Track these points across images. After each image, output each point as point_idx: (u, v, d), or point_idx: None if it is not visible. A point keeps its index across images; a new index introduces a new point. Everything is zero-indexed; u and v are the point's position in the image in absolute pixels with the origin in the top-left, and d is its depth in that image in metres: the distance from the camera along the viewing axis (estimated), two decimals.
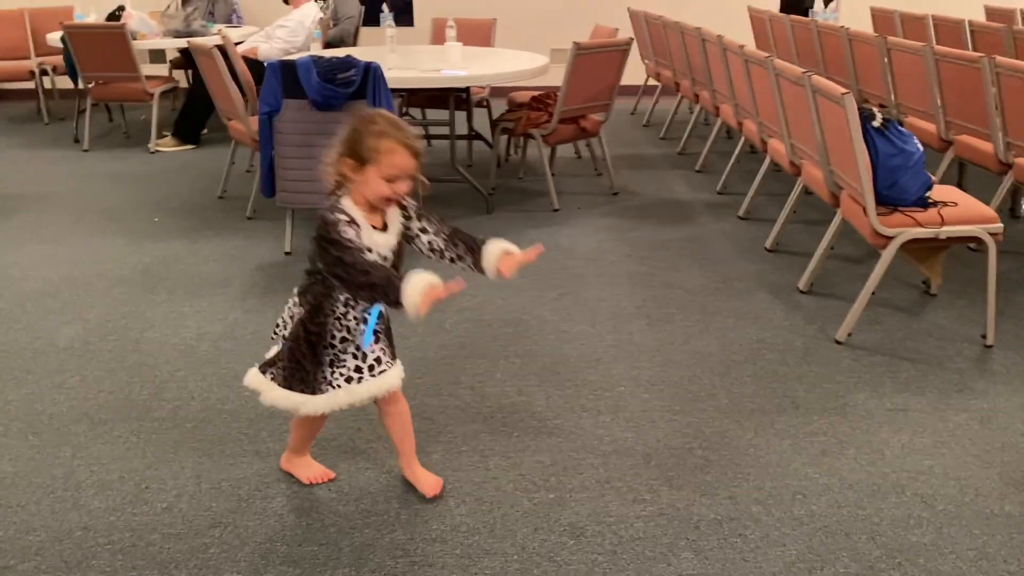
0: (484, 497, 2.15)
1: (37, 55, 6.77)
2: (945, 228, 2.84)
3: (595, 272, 3.66)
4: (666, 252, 3.90)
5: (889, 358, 2.86)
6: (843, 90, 2.82)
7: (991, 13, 6.39)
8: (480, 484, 2.21)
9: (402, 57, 4.80)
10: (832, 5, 7.01)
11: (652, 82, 6.71)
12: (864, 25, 6.34)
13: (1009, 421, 2.48)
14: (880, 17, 6.39)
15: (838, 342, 2.97)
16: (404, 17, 7.93)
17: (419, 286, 1.79)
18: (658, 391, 2.67)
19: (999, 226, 2.86)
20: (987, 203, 3.06)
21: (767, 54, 3.69)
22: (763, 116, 4.03)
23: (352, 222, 1.90)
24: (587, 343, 3.00)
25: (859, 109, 2.88)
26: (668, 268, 3.70)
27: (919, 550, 1.96)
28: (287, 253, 3.87)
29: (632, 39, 4.50)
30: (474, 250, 2.01)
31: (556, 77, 4.42)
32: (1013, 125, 3.54)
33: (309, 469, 2.22)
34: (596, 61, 4.40)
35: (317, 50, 4.92)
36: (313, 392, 2.01)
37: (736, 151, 4.86)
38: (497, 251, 1.99)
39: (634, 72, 7.00)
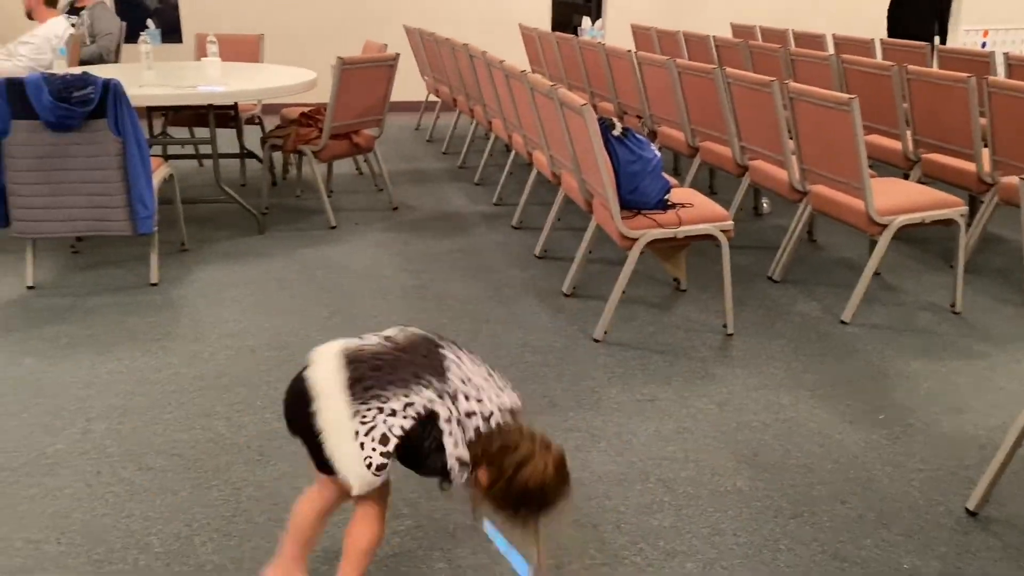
0: (233, 532, 2.05)
1: None
2: (682, 228, 3.04)
3: (368, 288, 3.62)
4: (441, 264, 3.93)
5: (641, 352, 3.02)
6: (582, 101, 2.96)
7: (736, 30, 6.99)
8: (230, 519, 2.10)
9: (160, 74, 4.55)
10: (599, 23, 7.42)
11: (433, 98, 6.78)
12: (628, 42, 6.74)
13: (743, 403, 2.69)
14: (640, 34, 6.81)
15: (596, 340, 3.10)
16: (173, 35, 7.56)
17: None
18: None
19: (730, 223, 3.11)
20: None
21: (523, 69, 3.81)
22: (526, 129, 4.16)
23: None
24: None
25: (600, 119, 3.03)
26: (442, 280, 3.73)
27: (660, 533, 2.07)
28: (29, 287, 3.54)
29: (398, 54, 4.51)
30: None
31: (328, 93, 4.34)
32: (746, 131, 3.87)
33: None
34: (364, 76, 4.38)
35: (62, 68, 4.56)
36: None
37: (509, 163, 4.99)
38: None
39: (416, 88, 7.07)
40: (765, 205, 4.73)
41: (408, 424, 1.55)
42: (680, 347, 3.07)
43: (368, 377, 1.58)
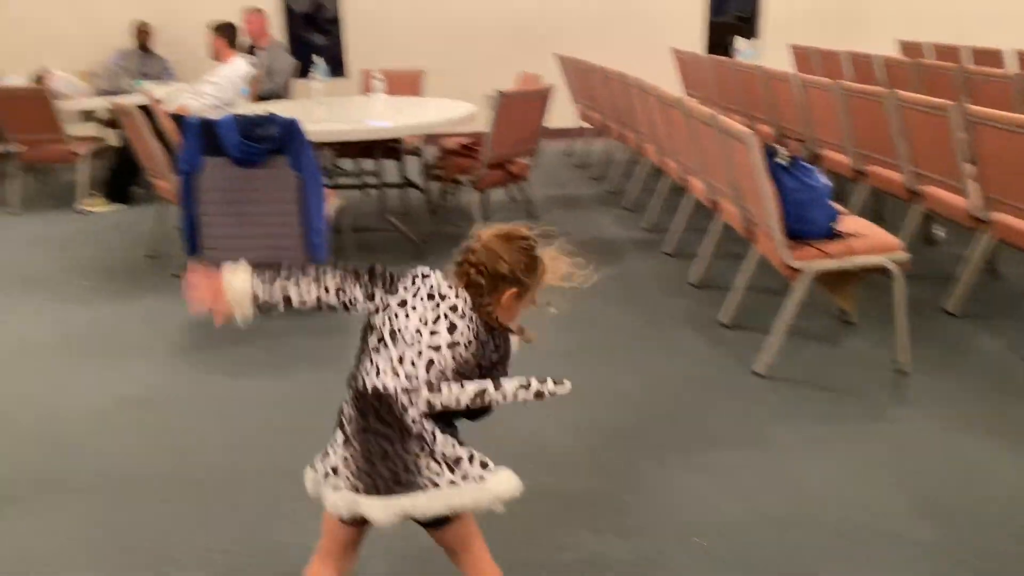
0: (406, 553, 2.12)
1: None
2: (852, 259, 2.92)
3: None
4: (592, 290, 3.89)
5: (807, 388, 2.91)
6: (747, 130, 2.90)
7: (905, 47, 6.66)
8: (402, 540, 2.18)
9: (330, 109, 4.83)
10: (753, 43, 7.25)
11: (583, 124, 6.83)
12: (784, 62, 6.56)
13: (921, 447, 2.53)
14: (800, 54, 6.61)
15: (758, 374, 3.01)
16: (337, 70, 8.00)
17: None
18: (581, 433, 2.68)
19: (904, 255, 2.95)
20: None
21: (679, 96, 3.79)
22: (680, 155, 4.12)
23: None
24: None
25: (764, 146, 2.97)
26: (594, 307, 3.73)
27: None
28: None
29: (552, 85, 4.58)
30: None
31: (485, 124, 4.47)
32: (919, 155, 3.67)
33: None
34: (520, 107, 4.48)
35: (243, 106, 4.93)
36: None
37: (665, 189, 4.95)
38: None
39: (566, 115, 7.15)
40: (940, 233, 4.46)
41: (442, 434, 1.53)
42: (850, 385, 2.94)
43: (392, 467, 1.53)
